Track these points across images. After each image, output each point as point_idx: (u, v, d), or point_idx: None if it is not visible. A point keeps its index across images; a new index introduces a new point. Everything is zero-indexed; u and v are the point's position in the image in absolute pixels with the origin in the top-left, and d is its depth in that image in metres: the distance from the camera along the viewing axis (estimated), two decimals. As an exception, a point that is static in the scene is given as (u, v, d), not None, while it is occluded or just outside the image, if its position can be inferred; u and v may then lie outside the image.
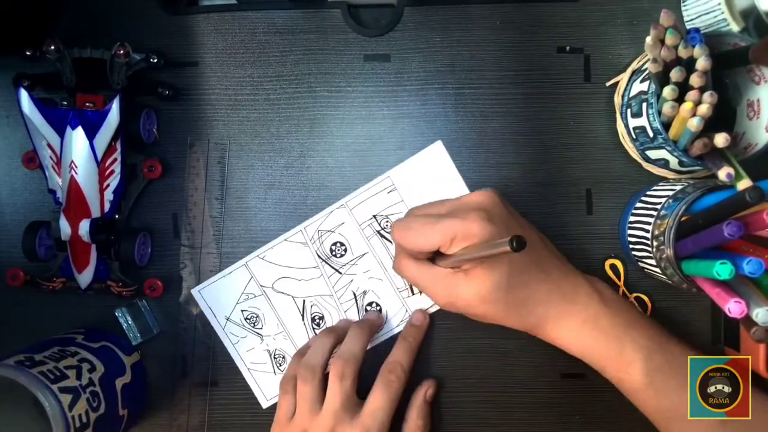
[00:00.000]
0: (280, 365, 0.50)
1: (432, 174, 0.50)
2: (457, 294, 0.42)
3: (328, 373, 0.44)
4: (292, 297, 0.50)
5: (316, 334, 0.50)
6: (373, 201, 0.50)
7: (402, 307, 0.50)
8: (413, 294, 0.50)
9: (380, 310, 0.50)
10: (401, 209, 0.50)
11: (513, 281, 0.42)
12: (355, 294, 0.50)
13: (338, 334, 0.47)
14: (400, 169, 0.50)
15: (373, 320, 0.49)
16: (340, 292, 0.50)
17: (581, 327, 0.43)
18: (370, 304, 0.50)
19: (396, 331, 0.50)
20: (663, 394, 0.42)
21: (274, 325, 0.50)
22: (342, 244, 0.50)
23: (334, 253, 0.50)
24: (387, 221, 0.50)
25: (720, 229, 0.36)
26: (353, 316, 0.50)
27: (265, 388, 0.50)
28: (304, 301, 0.50)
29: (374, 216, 0.50)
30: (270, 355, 0.50)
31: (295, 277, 0.50)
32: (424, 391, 0.48)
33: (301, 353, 0.47)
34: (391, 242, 0.50)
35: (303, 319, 0.50)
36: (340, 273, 0.50)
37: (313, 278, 0.50)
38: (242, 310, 0.50)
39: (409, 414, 0.47)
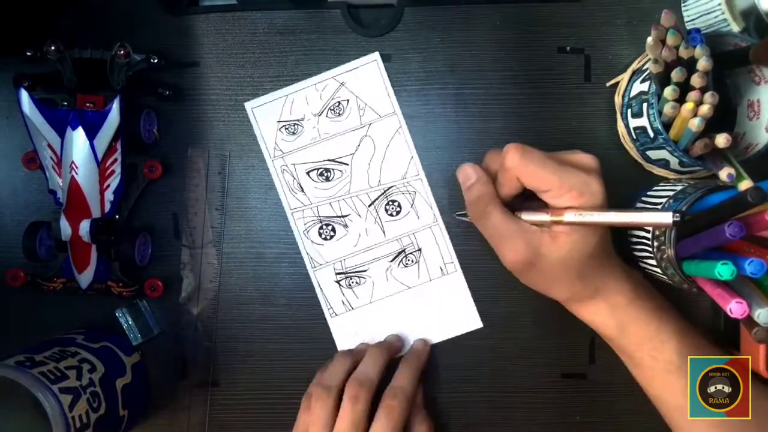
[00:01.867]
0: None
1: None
2: (540, 255, 0.41)
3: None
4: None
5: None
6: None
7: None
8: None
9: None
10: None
11: (596, 251, 0.41)
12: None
13: (357, 355, 0.47)
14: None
15: (391, 342, 0.49)
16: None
17: (628, 304, 0.43)
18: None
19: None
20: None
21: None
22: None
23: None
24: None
25: (721, 230, 0.36)
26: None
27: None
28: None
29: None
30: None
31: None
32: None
33: (323, 369, 0.47)
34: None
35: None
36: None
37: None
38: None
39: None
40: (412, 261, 0.50)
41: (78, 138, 0.46)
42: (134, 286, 0.49)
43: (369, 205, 0.50)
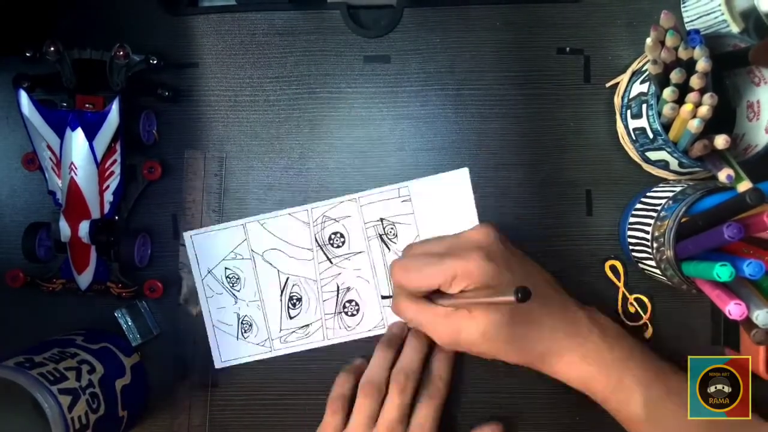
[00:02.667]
0: (245, 332, 0.50)
1: (449, 197, 0.50)
2: (460, 333, 0.42)
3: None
4: (278, 270, 0.50)
5: (289, 315, 0.50)
6: (385, 204, 0.50)
7: (380, 314, 0.50)
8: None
9: (357, 311, 0.50)
10: (409, 221, 0.50)
11: (516, 319, 0.42)
12: (338, 287, 0.50)
13: (396, 345, 0.48)
14: (420, 182, 0.50)
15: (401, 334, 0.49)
16: (325, 281, 0.50)
17: (581, 361, 0.43)
18: (350, 301, 0.50)
19: (368, 335, 0.50)
20: (662, 424, 0.42)
21: (252, 291, 0.50)
22: (342, 236, 0.50)
23: (332, 241, 0.50)
24: (392, 228, 0.50)
25: (720, 231, 0.36)
26: (330, 308, 0.50)
27: (223, 349, 0.50)
28: (288, 278, 0.50)
29: (381, 219, 0.50)
30: (238, 320, 0.50)
31: (287, 252, 0.50)
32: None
33: (351, 371, 0.47)
34: (389, 249, 0.50)
35: (281, 295, 0.50)
36: (331, 263, 0.50)
37: (304, 259, 0.50)
38: (226, 268, 0.50)
39: None
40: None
41: (77, 139, 0.46)
42: (133, 287, 0.49)
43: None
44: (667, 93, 0.39)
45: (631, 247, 0.47)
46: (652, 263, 0.44)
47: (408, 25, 0.50)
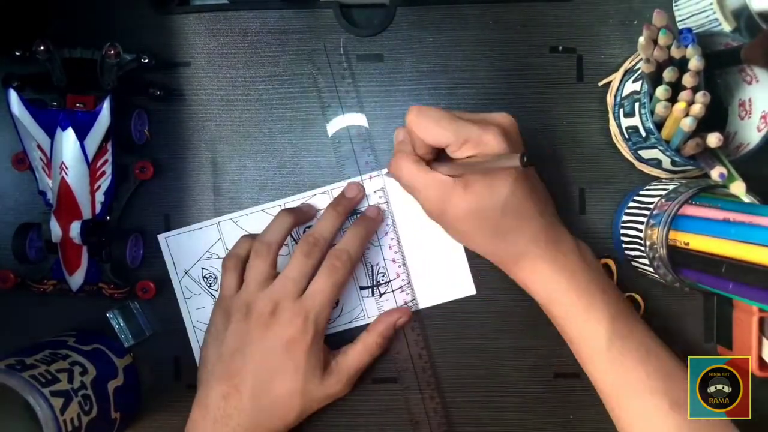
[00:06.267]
0: None
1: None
2: (450, 203, 0.42)
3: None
4: None
5: None
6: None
7: (359, 306, 0.50)
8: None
9: (336, 303, 0.49)
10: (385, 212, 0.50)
11: (508, 206, 0.41)
12: None
13: (298, 215, 0.47)
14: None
15: (348, 201, 0.49)
16: None
17: (557, 273, 0.43)
18: None
19: (348, 327, 0.50)
20: (619, 363, 0.42)
21: None
22: None
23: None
24: None
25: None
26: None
27: None
28: None
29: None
30: None
31: None
32: (396, 316, 0.48)
33: (249, 235, 0.48)
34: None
35: None
36: None
37: (280, 255, 0.49)
38: (203, 268, 0.50)
39: (373, 326, 0.48)
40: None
41: (68, 138, 0.46)
42: (126, 287, 0.49)
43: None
44: (660, 91, 0.39)
45: (624, 246, 0.47)
46: (645, 261, 0.44)
47: (401, 24, 0.50)
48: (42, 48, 0.45)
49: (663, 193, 0.44)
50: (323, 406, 0.46)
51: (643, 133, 0.43)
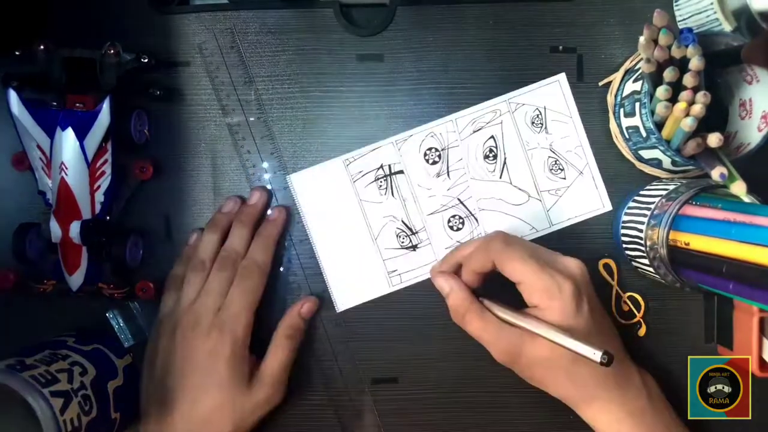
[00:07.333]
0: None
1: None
2: (522, 352, 0.41)
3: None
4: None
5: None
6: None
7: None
8: None
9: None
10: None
11: (581, 359, 0.40)
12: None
13: (223, 226, 0.49)
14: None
15: (253, 209, 0.49)
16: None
17: (625, 417, 0.43)
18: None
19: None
20: None
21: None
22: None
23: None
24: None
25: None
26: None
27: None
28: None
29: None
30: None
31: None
32: (299, 306, 0.48)
33: (186, 252, 0.49)
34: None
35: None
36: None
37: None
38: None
39: (280, 322, 0.48)
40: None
41: (68, 138, 0.45)
42: (125, 287, 0.49)
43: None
44: (660, 91, 0.39)
45: (624, 246, 0.47)
46: (646, 261, 0.44)
47: (401, 24, 0.50)
48: (42, 48, 0.45)
49: (663, 193, 0.44)
50: (260, 417, 0.46)
51: (644, 133, 0.43)
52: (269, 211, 0.50)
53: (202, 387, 0.44)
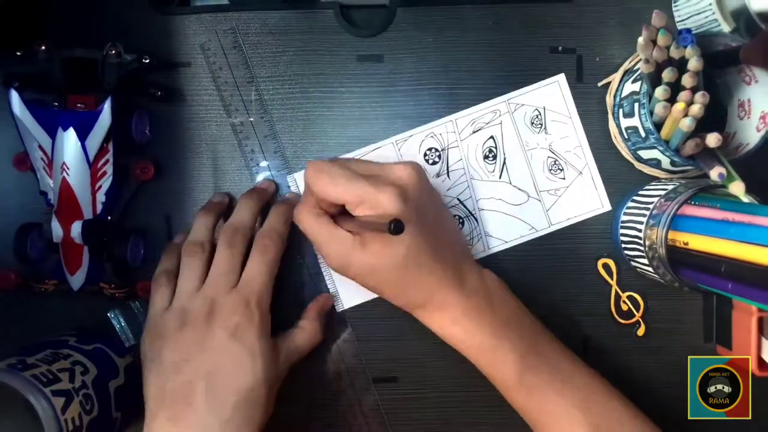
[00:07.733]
0: None
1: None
2: (350, 261, 0.42)
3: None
4: None
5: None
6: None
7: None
8: None
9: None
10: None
11: (407, 262, 0.41)
12: None
13: (216, 211, 0.48)
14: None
15: (263, 188, 0.49)
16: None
17: (459, 318, 0.43)
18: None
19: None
20: (533, 397, 0.43)
21: None
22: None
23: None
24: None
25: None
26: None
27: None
28: None
29: None
30: None
31: None
32: (323, 301, 0.49)
33: (172, 250, 0.47)
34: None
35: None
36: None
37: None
38: None
39: (308, 313, 0.48)
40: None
41: (69, 139, 0.46)
42: (126, 287, 0.49)
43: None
44: (659, 92, 0.40)
45: (623, 246, 0.48)
46: (645, 261, 0.44)
47: (401, 25, 0.50)
48: (43, 48, 0.45)
49: (662, 193, 0.44)
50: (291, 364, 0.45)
51: (643, 134, 0.43)
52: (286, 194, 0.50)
53: (233, 365, 0.41)
